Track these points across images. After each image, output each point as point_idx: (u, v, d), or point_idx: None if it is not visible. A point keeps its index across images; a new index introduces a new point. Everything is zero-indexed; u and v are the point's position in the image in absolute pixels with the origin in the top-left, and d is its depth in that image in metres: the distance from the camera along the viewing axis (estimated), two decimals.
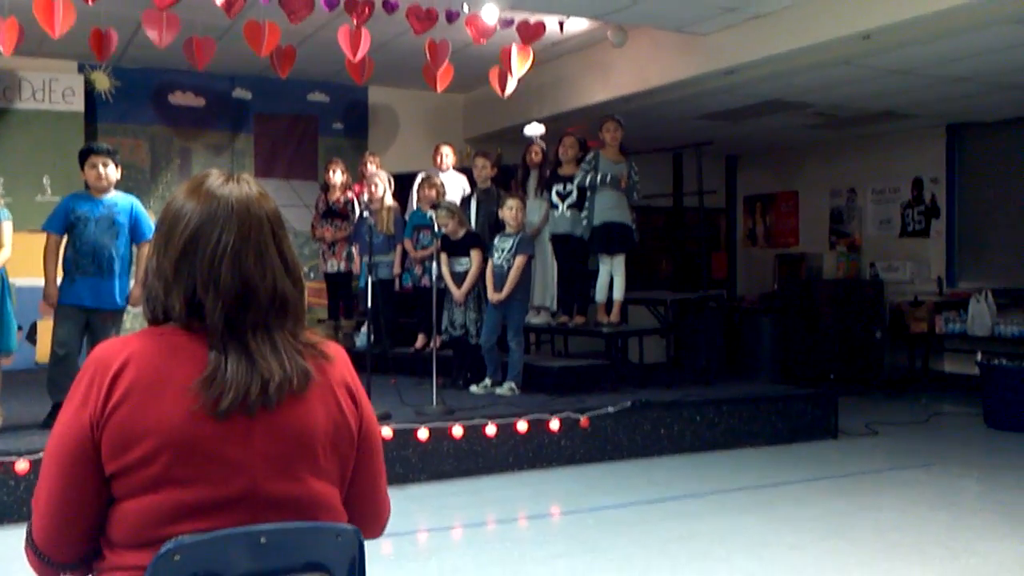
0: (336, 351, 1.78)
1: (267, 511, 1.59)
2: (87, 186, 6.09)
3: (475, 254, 7.63)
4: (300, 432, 1.64)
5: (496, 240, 7.66)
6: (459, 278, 7.64)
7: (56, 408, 5.91)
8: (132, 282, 6.17)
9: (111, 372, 1.58)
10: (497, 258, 7.54)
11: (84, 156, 6.09)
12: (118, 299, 6.04)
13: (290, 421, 1.63)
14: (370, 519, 1.85)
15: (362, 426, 1.77)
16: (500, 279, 7.48)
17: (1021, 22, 6.62)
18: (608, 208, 7.82)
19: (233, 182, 1.71)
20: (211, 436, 1.57)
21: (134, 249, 6.19)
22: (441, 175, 8.79)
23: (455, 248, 7.61)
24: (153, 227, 6.03)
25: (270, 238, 1.69)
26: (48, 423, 5.91)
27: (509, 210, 7.55)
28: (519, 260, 7.44)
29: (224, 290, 1.62)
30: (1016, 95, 8.97)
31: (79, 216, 6.00)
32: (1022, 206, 10.22)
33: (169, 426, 1.55)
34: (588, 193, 7.92)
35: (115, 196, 6.13)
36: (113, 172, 6.06)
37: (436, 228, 7.41)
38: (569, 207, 8.07)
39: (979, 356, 8.85)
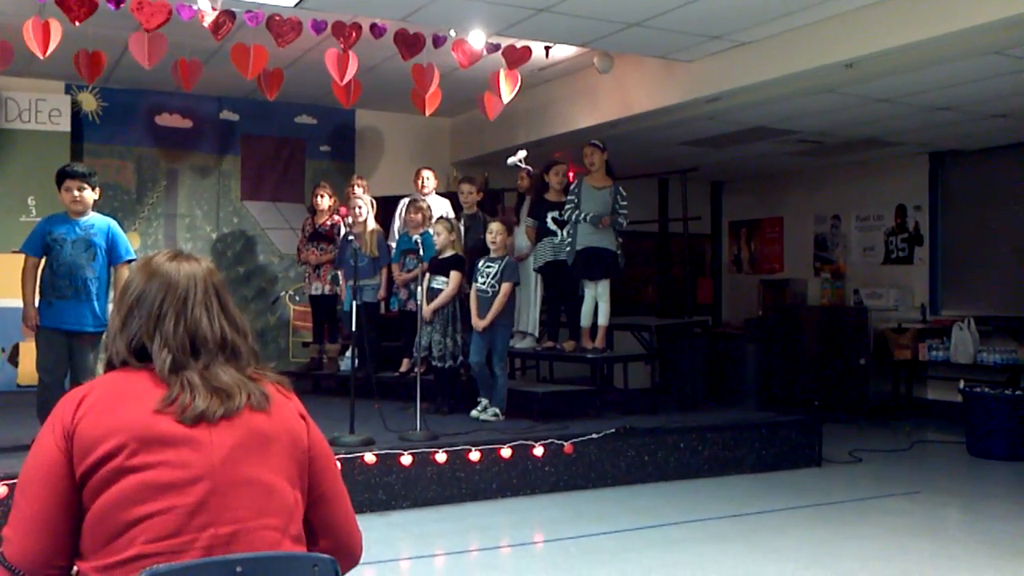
0: (285, 388, 2.03)
1: (226, 489, 1.76)
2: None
3: (453, 275, 7.60)
4: (256, 431, 1.86)
5: (480, 264, 7.64)
6: (433, 294, 7.59)
7: None
8: (110, 306, 6.12)
9: (76, 398, 1.85)
10: (481, 283, 7.52)
11: (60, 179, 6.05)
12: (94, 322, 5.97)
13: (247, 423, 1.85)
14: (344, 547, 2.01)
15: (311, 439, 1.97)
16: (484, 304, 7.46)
17: (1001, 52, 6.69)
18: (590, 233, 7.83)
19: (182, 260, 2.03)
20: (171, 431, 1.78)
21: (112, 272, 6.15)
22: (424, 200, 8.79)
23: (437, 266, 7.58)
24: (130, 249, 5.91)
25: (213, 298, 2.00)
26: None
27: (491, 234, 7.56)
28: (505, 287, 7.43)
29: (167, 337, 1.92)
30: (998, 124, 9.06)
31: (55, 238, 5.98)
32: (1005, 234, 10.29)
33: (130, 424, 1.77)
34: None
35: (92, 218, 6.08)
36: (89, 195, 6.02)
37: (422, 242, 7.36)
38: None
39: (962, 384, 8.87)
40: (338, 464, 2.35)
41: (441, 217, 8.05)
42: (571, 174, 8.41)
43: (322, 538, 1.97)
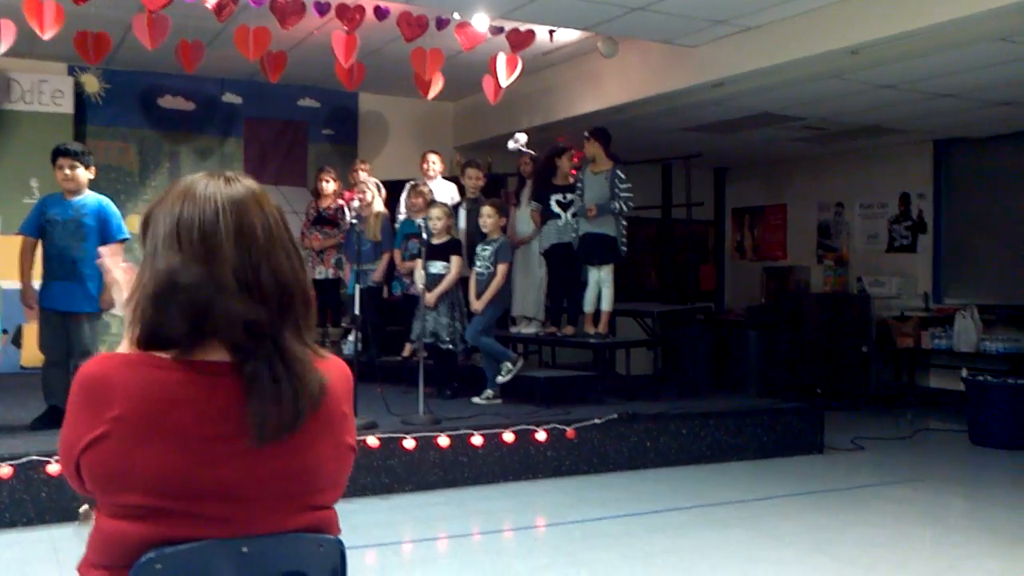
0: (335, 369, 1.70)
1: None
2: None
3: (454, 260, 7.61)
4: (303, 470, 1.57)
5: (477, 248, 7.69)
6: (433, 279, 7.58)
7: (51, 410, 5.94)
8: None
9: (96, 398, 1.50)
10: (479, 265, 7.57)
11: (53, 158, 6.04)
12: (88, 303, 5.97)
13: (296, 456, 1.56)
14: None
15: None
16: (482, 286, 7.51)
17: (1005, 39, 6.66)
18: (590, 219, 7.84)
19: (222, 180, 1.61)
20: (206, 480, 1.49)
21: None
22: (429, 183, 8.78)
23: (434, 251, 7.57)
24: (123, 228, 5.87)
25: (281, 228, 1.61)
26: (36, 425, 5.93)
27: (483, 217, 7.61)
28: (501, 268, 7.48)
29: (233, 291, 1.51)
30: (1001, 111, 9.02)
31: (49, 219, 6.00)
32: (1008, 222, 10.27)
33: (159, 476, 1.46)
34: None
35: (85, 197, 6.06)
36: (83, 173, 6.01)
37: (425, 226, 7.38)
38: (573, 215, 8.09)
39: (964, 372, 8.87)
40: None
41: (435, 202, 8.03)
42: (576, 158, 8.42)
43: None
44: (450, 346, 7.65)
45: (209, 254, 1.52)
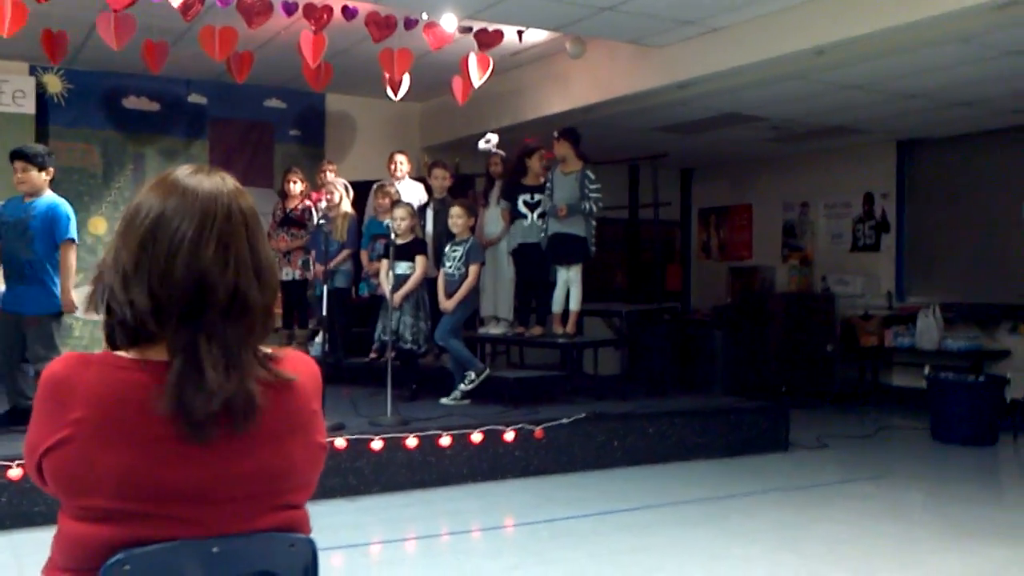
0: (303, 367, 1.66)
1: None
2: None
3: (419, 260, 7.59)
4: (273, 469, 1.56)
5: (447, 248, 7.67)
6: (399, 280, 7.56)
7: (13, 411, 5.93)
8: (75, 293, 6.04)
9: (59, 399, 1.49)
10: (448, 266, 7.56)
11: (10, 160, 6.04)
12: (36, 305, 5.91)
13: (265, 455, 1.55)
14: None
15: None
16: (452, 287, 7.49)
17: (966, 41, 6.76)
18: (559, 219, 7.86)
19: (204, 173, 1.61)
20: (171, 481, 1.48)
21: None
22: (396, 184, 8.76)
23: (399, 252, 7.55)
24: (72, 228, 5.88)
25: (240, 231, 1.56)
26: None
27: (452, 218, 7.60)
28: (473, 269, 7.47)
29: (176, 284, 1.49)
30: (963, 112, 9.14)
31: (3, 221, 6.02)
32: (969, 222, 10.41)
33: (122, 478, 1.45)
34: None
35: (38, 199, 6.00)
36: (36, 175, 5.96)
37: (388, 226, 7.36)
38: (539, 216, 8.10)
39: (927, 370, 8.98)
40: None
41: (399, 202, 8.01)
42: (546, 158, 8.43)
43: None
44: (412, 346, 7.61)
45: (159, 244, 1.52)
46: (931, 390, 8.68)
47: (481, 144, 8.75)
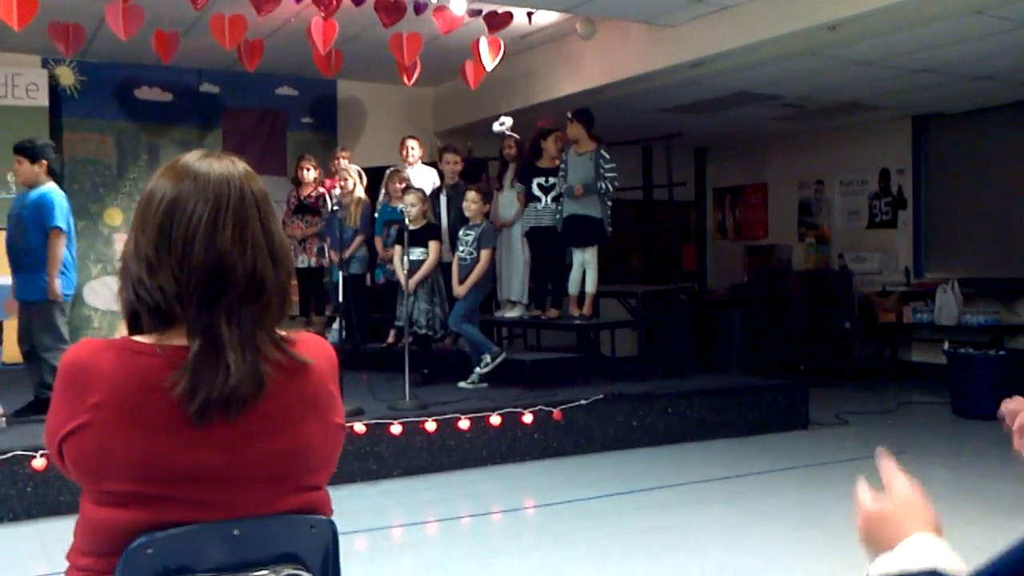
0: (318, 349, 1.66)
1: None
2: None
3: (432, 245, 7.59)
4: (292, 451, 1.56)
5: (460, 233, 7.68)
6: (413, 266, 7.55)
7: (36, 402, 6.00)
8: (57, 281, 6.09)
9: (78, 385, 1.49)
10: (462, 251, 7.56)
11: None
12: (32, 292, 6.05)
13: (284, 437, 1.55)
14: None
15: None
16: (465, 271, 7.51)
17: (981, 12, 6.68)
18: (574, 201, 7.83)
19: (214, 158, 1.61)
20: (191, 465, 1.48)
21: None
22: (409, 169, 8.76)
23: (412, 237, 7.55)
24: (59, 216, 6.02)
25: (254, 213, 1.57)
26: (19, 413, 6.00)
27: (467, 202, 7.59)
28: (485, 254, 7.47)
29: (196, 267, 1.50)
30: (979, 86, 9.06)
31: (8, 214, 6.32)
32: (987, 196, 10.33)
33: (141, 462, 1.46)
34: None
35: (35, 191, 6.12)
36: (28, 168, 6.09)
37: (402, 211, 7.36)
38: (553, 199, 8.08)
39: (946, 345, 8.93)
40: None
41: (410, 187, 8.01)
42: (561, 140, 8.39)
43: None
44: (427, 331, 7.62)
45: (176, 228, 1.53)
46: (951, 365, 8.64)
47: (495, 126, 8.72)
